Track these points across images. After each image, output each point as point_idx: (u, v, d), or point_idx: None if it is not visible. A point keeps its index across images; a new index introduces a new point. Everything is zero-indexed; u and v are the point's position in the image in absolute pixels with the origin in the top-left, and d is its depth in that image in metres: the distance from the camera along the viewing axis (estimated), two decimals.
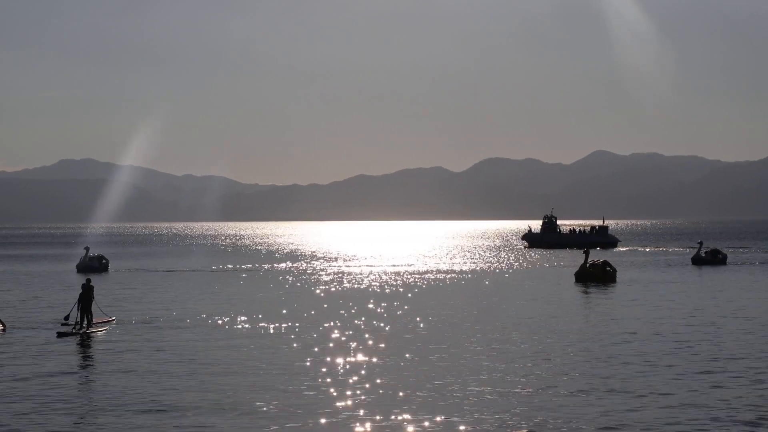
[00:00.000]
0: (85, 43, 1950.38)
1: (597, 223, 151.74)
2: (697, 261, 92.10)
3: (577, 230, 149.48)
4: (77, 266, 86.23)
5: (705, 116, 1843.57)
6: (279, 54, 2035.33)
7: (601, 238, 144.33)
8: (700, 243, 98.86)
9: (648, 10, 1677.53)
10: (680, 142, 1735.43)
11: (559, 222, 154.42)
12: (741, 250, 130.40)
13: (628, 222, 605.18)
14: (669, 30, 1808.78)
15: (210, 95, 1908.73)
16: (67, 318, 39.38)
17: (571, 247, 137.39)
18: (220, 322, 42.63)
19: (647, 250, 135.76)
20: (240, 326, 40.98)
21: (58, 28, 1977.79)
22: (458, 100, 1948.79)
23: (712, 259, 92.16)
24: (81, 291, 39.46)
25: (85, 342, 36.49)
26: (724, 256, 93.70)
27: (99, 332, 38.82)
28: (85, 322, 39.06)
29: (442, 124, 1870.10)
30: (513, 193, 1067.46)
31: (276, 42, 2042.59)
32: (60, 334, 38.00)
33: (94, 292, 40.58)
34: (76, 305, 39.36)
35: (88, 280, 41.22)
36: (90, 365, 31.22)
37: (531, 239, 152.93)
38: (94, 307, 40.04)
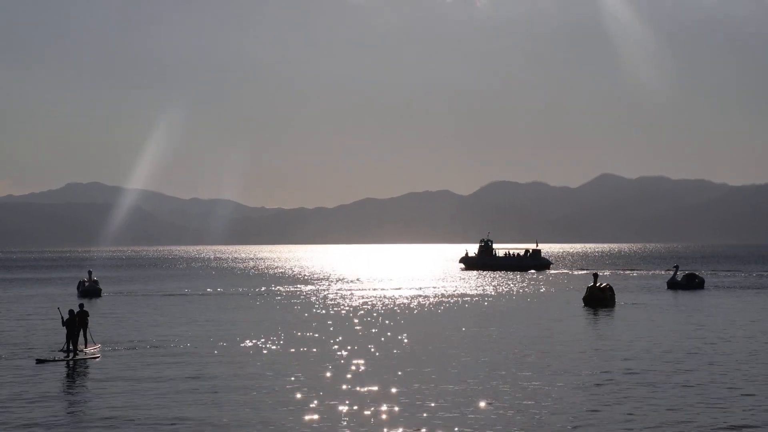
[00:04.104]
0: (90, 66, 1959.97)
1: (531, 246, 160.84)
2: (673, 285, 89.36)
3: (512, 253, 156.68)
4: (79, 290, 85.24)
5: (711, 139, 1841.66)
6: (286, 78, 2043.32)
7: (534, 260, 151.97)
8: (676, 267, 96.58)
9: (655, 32, 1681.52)
10: (687, 165, 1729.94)
11: (496, 246, 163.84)
12: (725, 273, 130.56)
13: (636, 245, 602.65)
14: (675, 52, 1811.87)
15: (216, 119, 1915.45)
16: (65, 350, 38.18)
17: (505, 269, 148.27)
18: (214, 349, 41.56)
19: (580, 273, 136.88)
20: (235, 353, 39.87)
21: (65, 53, 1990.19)
22: (464, 123, 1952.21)
23: (688, 283, 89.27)
24: (68, 316, 38.36)
25: (62, 370, 35.11)
26: (701, 281, 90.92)
27: (83, 359, 37.42)
28: (71, 348, 37.97)
29: (448, 147, 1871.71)
30: (520, 217, 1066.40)
31: (283, 66, 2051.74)
32: (39, 361, 36.83)
33: (88, 317, 39.71)
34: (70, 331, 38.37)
35: (81, 305, 40.27)
36: (60, 394, 29.83)
37: (467, 262, 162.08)
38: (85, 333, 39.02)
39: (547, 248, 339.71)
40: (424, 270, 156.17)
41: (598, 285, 67.85)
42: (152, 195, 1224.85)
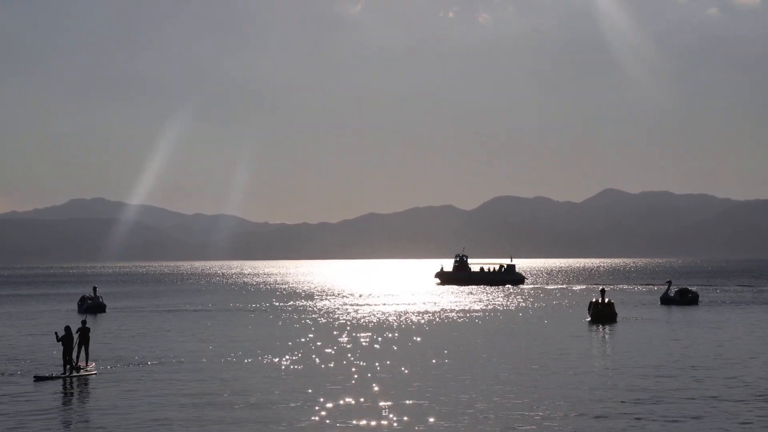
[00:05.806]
0: (93, 81, 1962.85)
1: (506, 261, 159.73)
2: (666, 301, 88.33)
3: (487, 268, 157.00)
4: (84, 306, 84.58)
5: (715, 154, 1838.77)
6: (288, 92, 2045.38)
7: (509, 275, 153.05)
8: (669, 282, 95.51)
9: (657, 48, 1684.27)
10: (690, 180, 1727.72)
11: (471, 261, 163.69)
12: (716, 288, 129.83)
13: (639, 261, 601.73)
14: (678, 67, 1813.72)
15: (219, 134, 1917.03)
16: (76, 366, 37.92)
17: (480, 283, 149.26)
18: (218, 366, 41.21)
19: (553, 287, 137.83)
20: (239, 370, 39.50)
21: (67, 68, 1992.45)
22: (467, 138, 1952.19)
23: (681, 299, 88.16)
24: (64, 333, 38.00)
25: (60, 388, 34.65)
26: (695, 296, 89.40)
27: (82, 376, 37.04)
28: (68, 366, 37.67)
29: (451, 162, 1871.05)
30: (524, 232, 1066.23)
31: (285, 80, 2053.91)
32: (37, 378, 36.52)
33: (90, 334, 39.41)
34: (75, 347, 38.06)
35: (84, 322, 39.96)
36: (55, 413, 29.37)
37: (443, 277, 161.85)
38: (77, 350, 38.70)
39: (530, 263, 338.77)
40: (393, 286, 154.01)
41: (605, 301, 67.36)
42: (155, 210, 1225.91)
